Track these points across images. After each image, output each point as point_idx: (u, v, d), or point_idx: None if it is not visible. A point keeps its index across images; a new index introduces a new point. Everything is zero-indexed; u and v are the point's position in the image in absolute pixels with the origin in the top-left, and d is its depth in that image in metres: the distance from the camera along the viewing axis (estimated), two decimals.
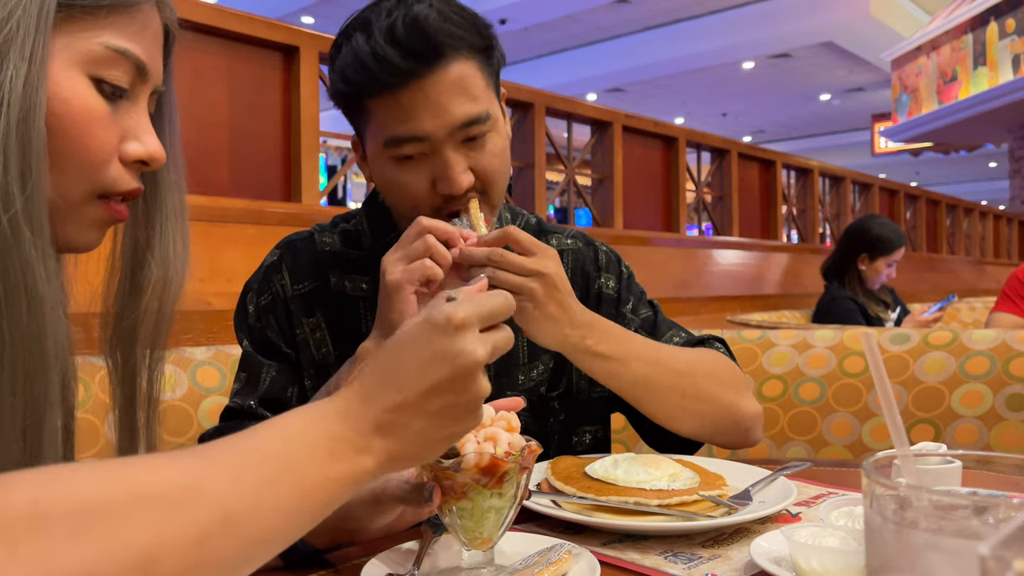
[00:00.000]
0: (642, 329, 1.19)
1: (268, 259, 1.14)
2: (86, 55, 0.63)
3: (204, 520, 0.46)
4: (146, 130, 0.68)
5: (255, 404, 1.07)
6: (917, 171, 19.75)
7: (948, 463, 0.57)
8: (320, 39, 2.86)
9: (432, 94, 0.96)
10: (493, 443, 0.73)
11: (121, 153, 0.66)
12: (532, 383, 1.15)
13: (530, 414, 1.14)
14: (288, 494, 0.51)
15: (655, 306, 1.25)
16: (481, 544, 0.74)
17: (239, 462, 0.50)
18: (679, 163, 4.88)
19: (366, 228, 1.15)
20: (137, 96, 0.67)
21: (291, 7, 11.43)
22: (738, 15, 11.97)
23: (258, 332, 1.11)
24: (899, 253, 3.33)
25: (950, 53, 10.65)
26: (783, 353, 1.65)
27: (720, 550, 0.82)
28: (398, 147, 0.98)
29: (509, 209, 1.23)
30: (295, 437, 0.53)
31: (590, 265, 1.22)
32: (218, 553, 0.47)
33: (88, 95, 0.63)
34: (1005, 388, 1.47)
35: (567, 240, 1.23)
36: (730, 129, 16.80)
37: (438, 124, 0.97)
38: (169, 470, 0.47)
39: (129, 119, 0.67)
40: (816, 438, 1.59)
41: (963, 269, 7.96)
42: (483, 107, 1.00)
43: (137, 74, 0.66)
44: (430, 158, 0.99)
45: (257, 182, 2.74)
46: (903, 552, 0.46)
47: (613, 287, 1.22)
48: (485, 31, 1.02)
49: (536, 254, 0.95)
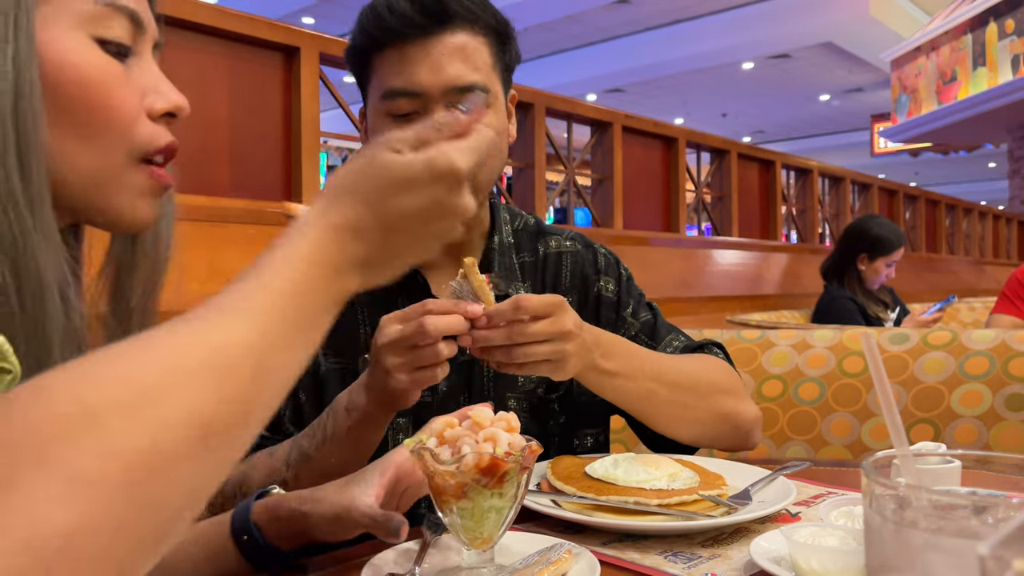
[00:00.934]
0: (642, 333, 1.19)
1: None
2: (81, 16, 0.61)
3: (244, 377, 0.47)
4: (162, 81, 0.66)
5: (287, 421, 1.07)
6: (916, 171, 19.75)
7: (947, 463, 0.57)
8: (321, 40, 2.86)
9: (434, 53, 1.00)
10: (493, 443, 0.73)
11: (147, 109, 0.65)
12: (531, 384, 1.15)
13: (530, 416, 1.14)
14: (305, 327, 0.52)
15: (654, 309, 1.25)
16: (481, 544, 0.74)
17: (258, 308, 0.50)
18: (679, 163, 4.88)
19: None
20: (141, 51, 0.66)
21: (291, 7, 11.43)
22: (738, 16, 11.97)
23: None
24: (898, 253, 3.33)
25: (949, 53, 10.65)
26: (782, 353, 1.65)
27: (720, 550, 0.82)
28: (393, 100, 1.01)
29: (508, 210, 1.23)
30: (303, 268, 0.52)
31: (589, 268, 1.22)
32: (257, 401, 0.48)
33: (97, 56, 0.61)
34: (1004, 388, 1.47)
35: (566, 242, 1.23)
36: (730, 129, 16.80)
37: (434, 80, 1.00)
38: (199, 335, 0.47)
39: (142, 75, 0.65)
40: (816, 438, 1.59)
41: (962, 269, 7.96)
42: (482, 79, 1.03)
43: (134, 26, 0.64)
44: (421, 118, 1.00)
45: (258, 182, 2.74)
46: (902, 552, 0.46)
47: (613, 290, 1.22)
48: (500, 18, 1.07)
49: (551, 314, 0.91)
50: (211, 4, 2.66)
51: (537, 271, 1.20)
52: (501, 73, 1.08)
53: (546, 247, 1.22)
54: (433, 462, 0.72)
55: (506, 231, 1.19)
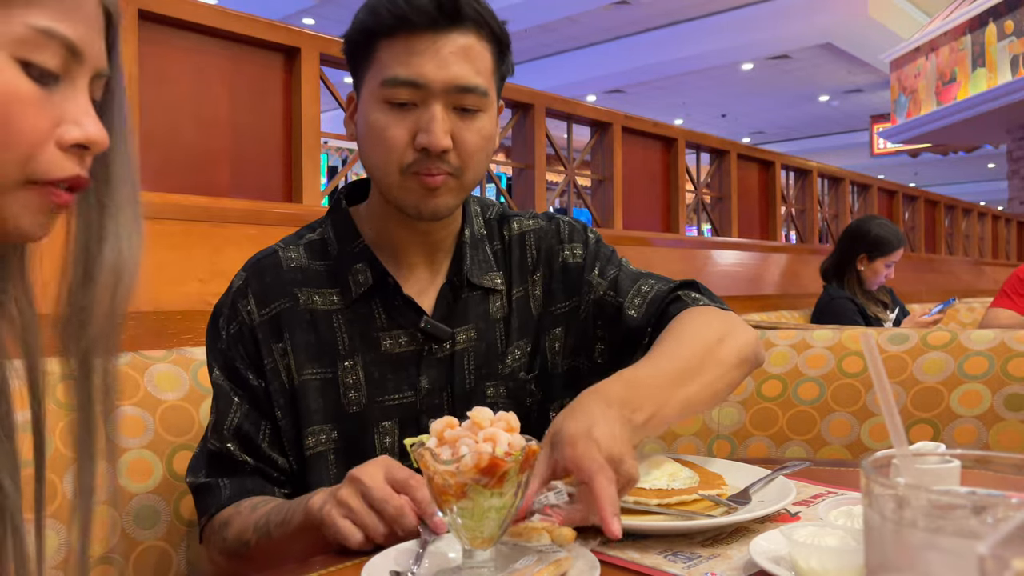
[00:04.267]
0: (610, 291, 1.18)
1: (235, 282, 1.13)
2: (10, 37, 0.60)
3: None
4: (85, 113, 0.65)
5: (233, 448, 1.07)
6: (916, 172, 19.74)
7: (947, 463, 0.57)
8: (321, 40, 2.87)
9: (442, 49, 1.01)
10: (492, 443, 0.73)
11: (57, 138, 0.63)
12: (509, 369, 1.16)
13: (508, 398, 1.15)
14: None
15: (621, 263, 1.23)
16: (481, 544, 0.74)
17: None
18: (678, 164, 4.88)
19: (332, 236, 1.14)
20: (75, 80, 0.64)
21: (292, 8, 11.43)
22: (737, 16, 11.96)
23: (229, 361, 1.09)
24: (898, 254, 3.33)
25: (949, 54, 10.65)
26: (782, 353, 1.66)
27: (719, 549, 0.82)
28: (394, 88, 1.01)
29: (479, 202, 1.22)
30: None
31: (552, 239, 1.22)
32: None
33: (13, 77, 0.60)
34: (1004, 388, 1.47)
35: (528, 221, 1.23)
36: (729, 130, 16.80)
37: (439, 76, 1.01)
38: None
39: (67, 103, 0.64)
40: (815, 438, 1.59)
41: (962, 270, 7.96)
42: (483, 83, 1.04)
43: (70, 56, 0.63)
44: (419, 110, 1.02)
45: (258, 183, 2.74)
46: (902, 551, 0.46)
47: (580, 254, 1.21)
48: (503, 29, 1.09)
49: (581, 467, 0.79)
50: (211, 4, 2.66)
51: (506, 256, 1.20)
52: (497, 81, 1.10)
53: (509, 231, 1.21)
54: (433, 462, 0.73)
55: (477, 223, 1.19)
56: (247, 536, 0.99)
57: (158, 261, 1.92)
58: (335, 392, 1.09)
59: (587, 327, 1.20)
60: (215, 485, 1.06)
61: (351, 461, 1.06)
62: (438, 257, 1.15)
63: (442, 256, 1.15)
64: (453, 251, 1.15)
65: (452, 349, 1.12)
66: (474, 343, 1.13)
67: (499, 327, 1.16)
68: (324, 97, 2.90)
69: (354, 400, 1.09)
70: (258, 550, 0.97)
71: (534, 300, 1.20)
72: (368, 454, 1.05)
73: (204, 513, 1.07)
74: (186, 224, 2.04)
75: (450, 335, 1.11)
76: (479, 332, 1.14)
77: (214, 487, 1.06)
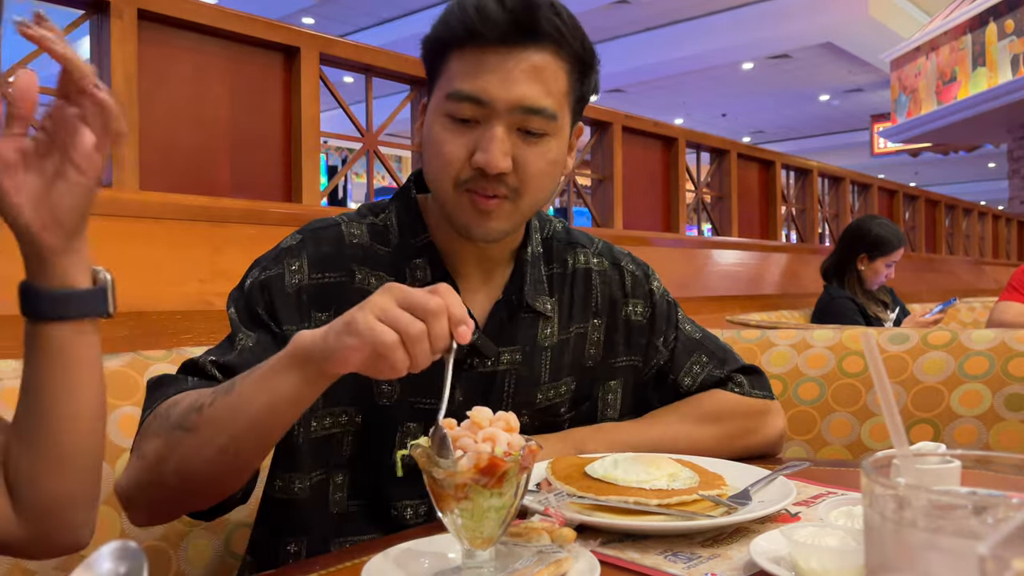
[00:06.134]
0: (669, 362, 1.21)
1: (286, 242, 1.07)
2: None
3: None
4: None
5: (211, 365, 0.98)
6: (916, 171, 19.75)
7: (947, 463, 0.57)
8: (321, 40, 2.87)
9: (511, 66, 0.96)
10: (492, 443, 0.73)
11: None
12: (548, 403, 1.13)
13: (539, 431, 1.11)
14: None
15: (679, 324, 1.23)
16: (481, 544, 0.74)
17: None
18: (679, 163, 4.88)
19: (395, 224, 1.10)
20: None
21: (292, 8, 11.43)
22: (737, 16, 11.97)
23: (246, 302, 1.03)
24: (898, 254, 3.33)
25: (949, 54, 10.65)
26: (782, 353, 1.65)
27: (720, 550, 0.82)
28: (458, 103, 0.97)
29: (537, 217, 1.18)
30: None
31: (616, 289, 1.20)
32: None
33: None
34: (1004, 388, 1.47)
35: (594, 259, 1.20)
36: (729, 129, 16.80)
37: (502, 95, 0.96)
38: None
39: None
40: (815, 438, 1.59)
41: (962, 269, 7.96)
42: (552, 105, 0.99)
43: None
44: (480, 128, 0.98)
45: (258, 182, 2.74)
46: (902, 551, 0.46)
47: (642, 312, 1.20)
48: (588, 47, 1.03)
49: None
50: (211, 4, 2.66)
51: (566, 285, 1.16)
52: (573, 104, 1.04)
53: (575, 261, 1.18)
54: (432, 463, 0.72)
55: (535, 239, 1.15)
56: (201, 402, 0.87)
57: (158, 261, 1.92)
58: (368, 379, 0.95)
59: (646, 391, 1.21)
60: (180, 378, 0.97)
61: (368, 450, 1.04)
62: (494, 270, 1.11)
63: (497, 269, 1.11)
64: (512, 267, 1.12)
65: (494, 367, 1.08)
66: (517, 366, 1.10)
67: (545, 355, 1.12)
68: (324, 96, 2.90)
69: (386, 392, 1.05)
70: (206, 417, 0.86)
71: (592, 344, 1.17)
72: (387, 448, 1.03)
73: (158, 401, 0.93)
74: (186, 224, 2.04)
75: (495, 352, 1.08)
76: (524, 356, 1.10)
77: (180, 379, 0.97)
